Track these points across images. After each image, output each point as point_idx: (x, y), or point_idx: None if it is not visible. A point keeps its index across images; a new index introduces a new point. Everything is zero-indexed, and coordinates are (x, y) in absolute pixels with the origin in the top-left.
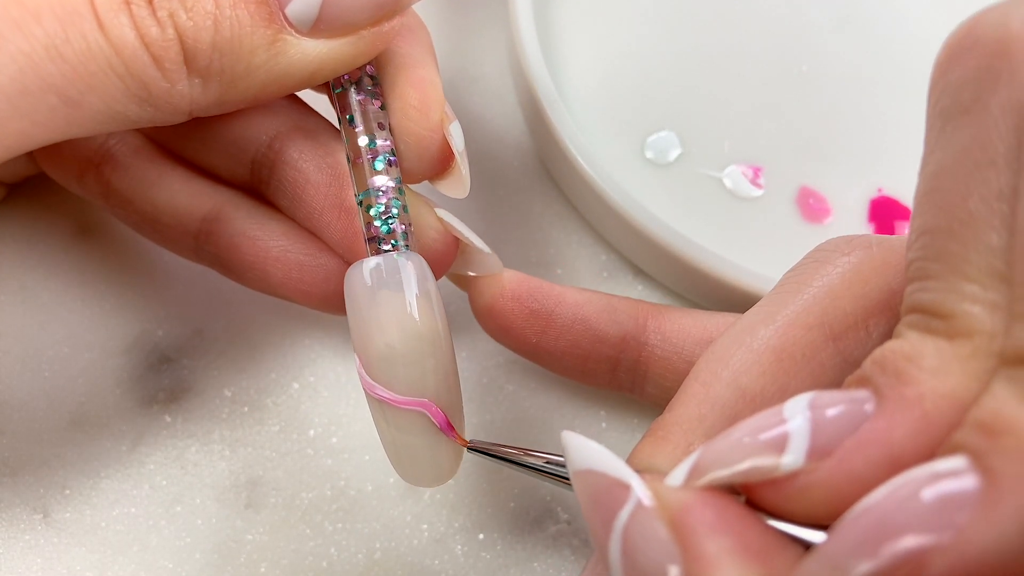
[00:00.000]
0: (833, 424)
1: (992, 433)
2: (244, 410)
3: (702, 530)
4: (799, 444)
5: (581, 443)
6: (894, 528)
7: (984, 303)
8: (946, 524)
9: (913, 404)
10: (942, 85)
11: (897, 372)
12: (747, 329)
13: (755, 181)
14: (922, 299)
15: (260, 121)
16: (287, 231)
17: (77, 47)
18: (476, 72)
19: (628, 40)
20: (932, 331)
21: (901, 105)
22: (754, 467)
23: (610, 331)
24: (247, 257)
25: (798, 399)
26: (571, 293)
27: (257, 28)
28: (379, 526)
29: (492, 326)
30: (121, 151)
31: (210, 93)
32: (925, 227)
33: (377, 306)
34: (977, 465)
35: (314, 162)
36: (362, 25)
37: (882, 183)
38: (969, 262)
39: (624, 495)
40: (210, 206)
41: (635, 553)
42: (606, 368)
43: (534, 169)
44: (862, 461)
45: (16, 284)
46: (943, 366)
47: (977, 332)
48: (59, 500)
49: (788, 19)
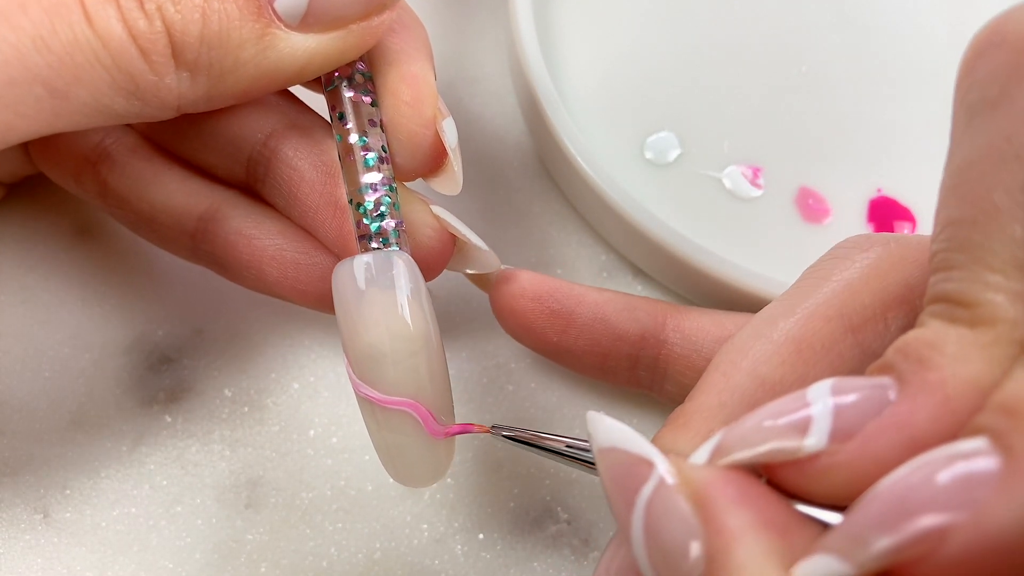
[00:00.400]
0: (856, 408)
1: (1013, 415)
2: (244, 410)
3: (724, 505)
4: (822, 426)
5: (606, 422)
6: (915, 505)
7: (1007, 292)
8: (966, 502)
9: (935, 389)
10: (969, 81)
11: (920, 358)
12: (767, 321)
13: (754, 181)
14: (946, 289)
15: (256, 118)
16: (283, 230)
17: (64, 38)
18: (476, 73)
19: (628, 40)
20: (955, 320)
21: (901, 106)
22: (777, 448)
23: (630, 329)
24: (243, 256)
25: (821, 384)
26: (591, 293)
27: (246, 22)
28: (379, 526)
29: (512, 325)
30: (118, 150)
31: (198, 87)
32: (950, 219)
33: (365, 304)
34: (997, 445)
35: (309, 160)
36: (351, 19)
37: (881, 183)
38: (993, 252)
39: (647, 472)
40: (206, 205)
41: (657, 529)
42: (625, 366)
43: (534, 169)
44: (885, 443)
45: (16, 284)
46: (965, 353)
47: (1000, 320)
48: (59, 500)
49: (788, 19)
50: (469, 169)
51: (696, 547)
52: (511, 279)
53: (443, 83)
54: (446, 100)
